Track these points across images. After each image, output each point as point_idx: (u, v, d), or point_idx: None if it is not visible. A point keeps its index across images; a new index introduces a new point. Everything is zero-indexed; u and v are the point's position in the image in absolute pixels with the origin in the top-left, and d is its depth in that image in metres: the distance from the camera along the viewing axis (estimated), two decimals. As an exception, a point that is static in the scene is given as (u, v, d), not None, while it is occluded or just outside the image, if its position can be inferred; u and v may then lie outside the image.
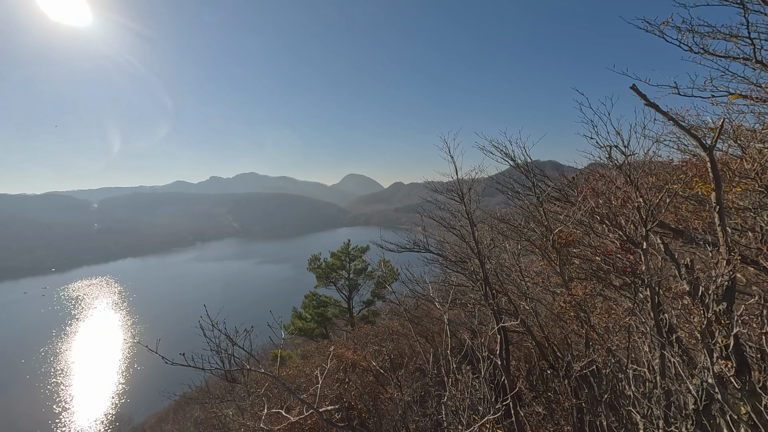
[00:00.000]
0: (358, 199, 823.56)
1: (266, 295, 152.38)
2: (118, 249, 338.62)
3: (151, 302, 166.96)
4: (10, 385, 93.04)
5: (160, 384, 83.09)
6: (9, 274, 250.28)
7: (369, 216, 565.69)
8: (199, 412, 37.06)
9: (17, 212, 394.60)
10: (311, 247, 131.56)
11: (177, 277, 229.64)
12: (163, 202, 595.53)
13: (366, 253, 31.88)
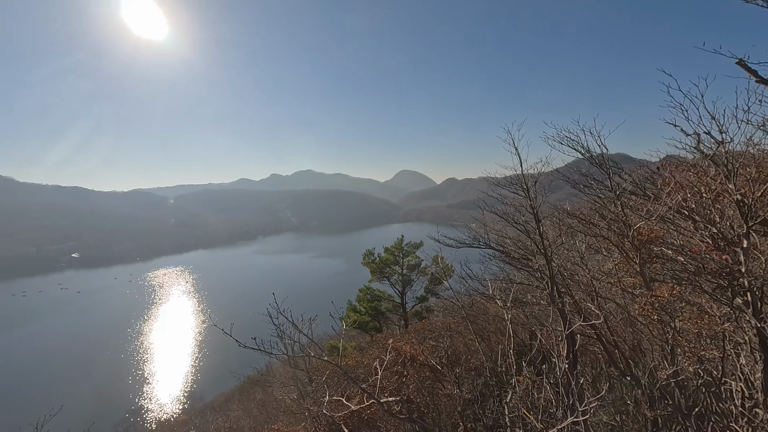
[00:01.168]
0: (410, 195, 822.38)
1: (320, 287, 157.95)
2: (190, 241, 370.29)
3: (218, 290, 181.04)
4: (99, 359, 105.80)
5: (226, 366, 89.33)
6: (103, 262, 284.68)
7: (421, 212, 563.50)
8: (261, 395, 39.56)
9: (109, 207, 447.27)
10: (364, 243, 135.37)
11: (241, 268, 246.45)
12: (228, 198, 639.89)
13: (419, 249, 31.85)
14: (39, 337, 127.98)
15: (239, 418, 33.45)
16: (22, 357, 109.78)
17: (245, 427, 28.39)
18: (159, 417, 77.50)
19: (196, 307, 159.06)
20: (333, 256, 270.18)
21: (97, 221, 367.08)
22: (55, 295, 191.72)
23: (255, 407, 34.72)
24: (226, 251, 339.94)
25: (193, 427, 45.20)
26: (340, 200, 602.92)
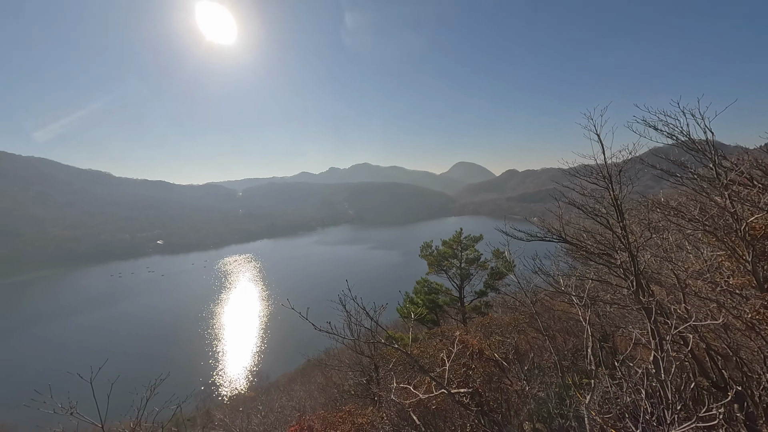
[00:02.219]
0: (467, 187, 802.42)
1: (375, 278, 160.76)
2: (257, 231, 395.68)
3: (281, 277, 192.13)
4: (178, 335, 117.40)
5: (289, 348, 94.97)
6: (183, 249, 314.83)
7: (478, 205, 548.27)
8: (321, 378, 41.38)
9: (186, 199, 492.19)
10: (419, 235, 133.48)
11: (301, 258, 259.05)
12: (290, 191, 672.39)
13: (479, 243, 31.05)
14: (130, 314, 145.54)
15: (302, 399, 35.16)
16: (117, 330, 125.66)
17: (308, 407, 29.79)
18: (230, 392, 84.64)
19: (261, 292, 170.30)
20: (388, 248, 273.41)
21: (178, 212, 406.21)
22: (144, 277, 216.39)
23: (316, 389, 36.39)
24: (288, 241, 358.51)
25: (260, 404, 48.68)
26: (395, 193, 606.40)
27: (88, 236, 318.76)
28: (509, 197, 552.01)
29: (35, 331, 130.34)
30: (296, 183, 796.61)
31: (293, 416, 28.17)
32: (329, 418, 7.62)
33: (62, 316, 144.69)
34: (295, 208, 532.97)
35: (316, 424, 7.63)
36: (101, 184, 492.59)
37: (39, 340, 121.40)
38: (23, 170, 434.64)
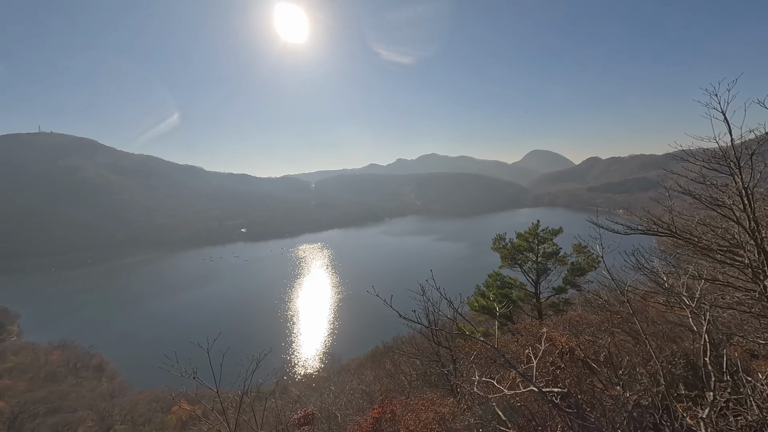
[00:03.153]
0: (542, 177, 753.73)
1: (442, 270, 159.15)
2: (328, 221, 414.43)
3: (351, 265, 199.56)
4: (259, 314, 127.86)
5: (359, 334, 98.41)
6: (263, 236, 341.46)
7: (555, 196, 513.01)
8: (389, 365, 42.36)
9: (266, 191, 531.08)
10: (489, 227, 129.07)
11: (370, 247, 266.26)
12: (359, 183, 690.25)
13: (557, 236, 29.11)
14: (220, 294, 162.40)
15: (371, 383, 36.30)
16: (208, 307, 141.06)
17: (376, 392, 30.64)
18: (304, 370, 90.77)
19: (332, 279, 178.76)
20: (456, 240, 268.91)
21: (258, 202, 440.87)
22: (230, 262, 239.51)
23: (385, 375, 37.33)
24: (358, 231, 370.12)
25: (332, 384, 51.46)
26: (463, 183, 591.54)
27: (185, 224, 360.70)
28: (590, 187, 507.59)
29: (147, 304, 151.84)
30: (365, 174, 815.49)
31: (364, 399, 29.30)
32: (411, 404, 7.79)
33: (168, 293, 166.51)
34: (363, 199, 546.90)
35: (398, 409, 7.85)
36: (195, 177, 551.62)
37: (151, 312, 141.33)
38: (135, 166, 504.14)
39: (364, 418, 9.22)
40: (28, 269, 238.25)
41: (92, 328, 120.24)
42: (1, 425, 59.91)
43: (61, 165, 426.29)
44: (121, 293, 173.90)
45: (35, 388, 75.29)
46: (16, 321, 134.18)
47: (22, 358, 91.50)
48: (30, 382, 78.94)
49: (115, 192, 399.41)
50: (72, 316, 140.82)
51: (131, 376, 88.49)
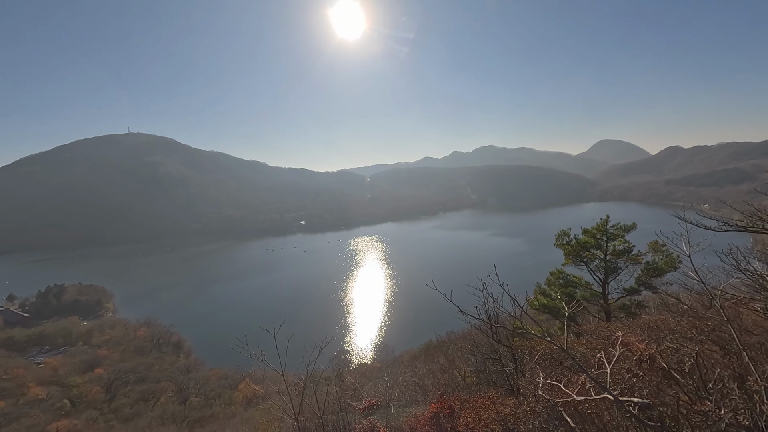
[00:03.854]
0: (611, 169, 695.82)
1: (498, 266, 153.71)
2: (382, 214, 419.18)
3: (404, 259, 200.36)
4: (313, 304, 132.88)
5: (412, 327, 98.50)
6: (320, 229, 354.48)
7: (626, 189, 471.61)
8: (443, 360, 41.98)
9: (323, 185, 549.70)
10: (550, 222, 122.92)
11: (423, 241, 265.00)
12: (413, 176, 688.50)
13: (630, 233, 26.74)
14: (280, 282, 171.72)
15: (424, 376, 36.23)
16: (271, 294, 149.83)
17: (429, 385, 30.55)
18: (358, 359, 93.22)
19: (386, 272, 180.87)
20: (513, 236, 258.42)
21: (316, 195, 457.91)
22: (290, 252, 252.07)
23: (438, 370, 37.08)
24: (411, 224, 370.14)
25: (386, 375, 52.28)
26: (522, 176, 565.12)
27: (250, 216, 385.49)
28: (669, 180, 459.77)
29: (217, 289, 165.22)
30: (419, 168, 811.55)
31: (417, 392, 29.35)
32: (470, 401, 7.61)
33: (235, 280, 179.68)
34: (417, 193, 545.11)
35: (456, 405, 7.72)
36: (259, 172, 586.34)
37: (221, 296, 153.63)
38: (206, 162, 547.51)
39: (422, 411, 9.19)
40: (120, 254, 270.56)
41: (171, 309, 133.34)
42: (100, 388, 68.96)
43: (145, 161, 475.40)
44: (195, 278, 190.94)
45: (126, 359, 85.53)
46: (111, 299, 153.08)
47: (116, 332, 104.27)
48: (122, 354, 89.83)
49: (189, 186, 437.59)
50: (155, 297, 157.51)
51: (204, 354, 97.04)
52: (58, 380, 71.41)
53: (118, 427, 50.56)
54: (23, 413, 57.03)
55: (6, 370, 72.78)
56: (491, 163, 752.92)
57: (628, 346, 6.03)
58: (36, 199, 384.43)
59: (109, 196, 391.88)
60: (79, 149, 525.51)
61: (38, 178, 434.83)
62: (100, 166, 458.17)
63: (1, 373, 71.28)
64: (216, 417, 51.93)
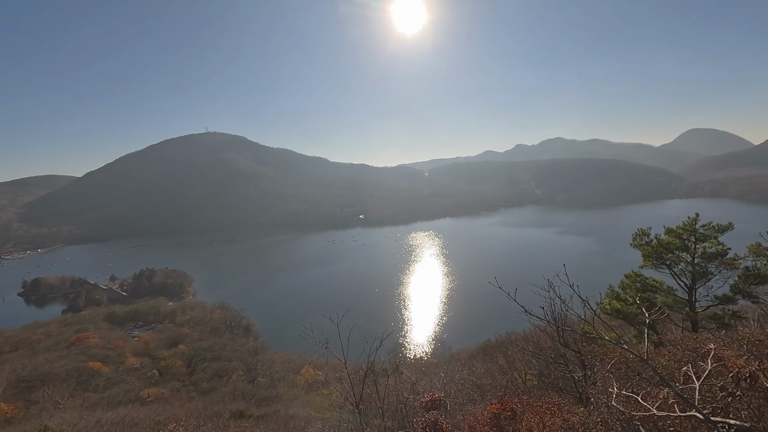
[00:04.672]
0: (703, 161, 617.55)
1: (561, 266, 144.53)
2: (441, 209, 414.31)
3: (463, 255, 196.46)
4: (371, 296, 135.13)
5: (470, 325, 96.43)
6: (378, 223, 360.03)
7: (720, 184, 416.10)
8: (502, 361, 40.58)
9: (382, 180, 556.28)
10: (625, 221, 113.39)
11: (483, 237, 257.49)
12: (474, 171, 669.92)
13: (725, 234, 23.55)
14: (340, 273, 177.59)
15: (481, 375, 35.32)
16: (331, 285, 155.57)
17: (487, 386, 29.73)
18: (414, 353, 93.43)
19: (443, 267, 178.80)
20: (581, 234, 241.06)
21: (375, 190, 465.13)
22: (349, 245, 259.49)
23: (497, 370, 35.96)
24: (471, 220, 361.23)
25: (443, 371, 51.85)
26: (594, 170, 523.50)
27: (313, 210, 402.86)
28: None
29: (283, 278, 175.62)
30: (480, 162, 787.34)
31: (474, 391, 28.74)
32: (535, 405, 7.24)
33: (298, 270, 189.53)
34: (477, 188, 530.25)
35: (518, 407, 7.42)
36: (321, 167, 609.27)
37: (286, 285, 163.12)
38: (273, 159, 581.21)
39: (480, 411, 8.97)
40: (198, 243, 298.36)
41: (242, 295, 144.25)
42: (182, 363, 76.93)
43: (220, 159, 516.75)
44: (262, 267, 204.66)
45: (204, 338, 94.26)
46: (192, 283, 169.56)
47: (196, 313, 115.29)
48: (201, 333, 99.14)
49: (258, 181, 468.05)
50: (228, 283, 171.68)
51: (270, 338, 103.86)
52: (149, 352, 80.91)
53: (197, 398, 55.98)
54: (122, 379, 65.52)
55: (109, 341, 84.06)
56: (559, 156, 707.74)
57: (721, 361, 5.33)
58: (133, 193, 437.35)
59: (190, 190, 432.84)
60: (166, 148, 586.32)
61: (134, 174, 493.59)
62: (182, 163, 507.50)
63: (106, 344, 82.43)
64: (280, 398, 55.32)
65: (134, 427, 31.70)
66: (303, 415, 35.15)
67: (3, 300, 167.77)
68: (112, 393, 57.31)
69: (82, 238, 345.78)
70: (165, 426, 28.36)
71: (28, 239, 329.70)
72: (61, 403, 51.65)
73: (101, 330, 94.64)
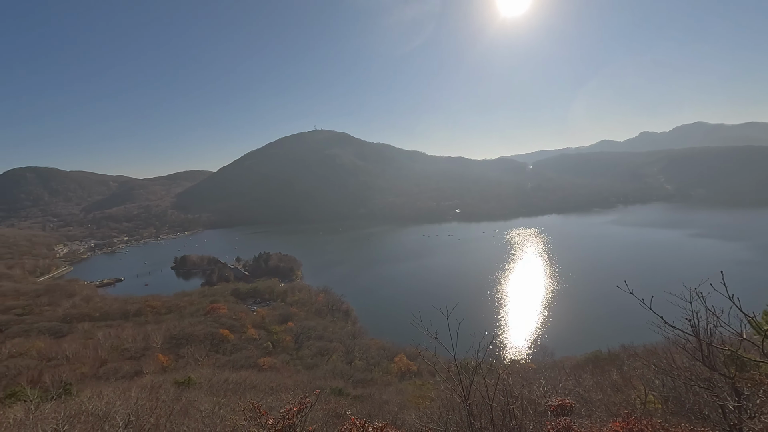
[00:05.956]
0: None
1: (701, 276, 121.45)
2: (545, 205, 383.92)
3: (570, 256, 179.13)
4: (463, 291, 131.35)
5: (576, 332, 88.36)
6: (476, 218, 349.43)
7: None
8: (616, 376, 36.10)
9: (480, 173, 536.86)
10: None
11: (595, 238, 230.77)
12: (586, 163, 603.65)
13: None
14: (434, 267, 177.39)
15: (590, 389, 32.13)
16: (425, 278, 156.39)
17: (598, 402, 26.91)
18: (509, 354, 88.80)
19: (546, 268, 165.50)
20: (727, 238, 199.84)
21: (473, 184, 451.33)
22: (444, 240, 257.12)
23: (609, 386, 32.30)
24: (580, 218, 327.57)
25: (543, 378, 48.36)
26: (749, 160, 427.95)
27: (409, 203, 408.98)
28: None
29: (379, 268, 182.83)
30: (594, 153, 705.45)
31: (581, 404, 26.19)
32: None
33: (394, 261, 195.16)
34: (590, 182, 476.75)
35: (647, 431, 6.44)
36: (417, 161, 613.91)
37: (382, 274, 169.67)
38: (373, 153, 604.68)
39: (599, 427, 8.07)
40: (306, 232, 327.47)
41: (342, 281, 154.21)
42: (291, 338, 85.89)
43: (325, 154, 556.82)
44: (361, 256, 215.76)
45: (309, 318, 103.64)
46: (300, 267, 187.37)
47: (303, 295, 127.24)
48: (306, 313, 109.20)
49: (359, 175, 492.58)
50: (330, 269, 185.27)
51: (366, 324, 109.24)
52: (264, 326, 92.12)
53: (303, 371, 61.93)
54: (244, 346, 76.04)
55: (234, 313, 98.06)
56: (697, 144, 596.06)
57: None
58: (254, 186, 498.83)
59: (300, 183, 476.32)
60: (281, 146, 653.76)
61: (255, 169, 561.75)
62: (294, 158, 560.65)
63: (232, 315, 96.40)
64: (375, 382, 57.94)
65: (253, 389, 36.16)
66: (397, 401, 36.23)
67: (161, 272, 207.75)
68: (237, 357, 66.82)
69: (216, 223, 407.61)
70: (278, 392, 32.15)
71: (179, 223, 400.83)
72: (199, 360, 62.14)
73: (229, 303, 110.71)
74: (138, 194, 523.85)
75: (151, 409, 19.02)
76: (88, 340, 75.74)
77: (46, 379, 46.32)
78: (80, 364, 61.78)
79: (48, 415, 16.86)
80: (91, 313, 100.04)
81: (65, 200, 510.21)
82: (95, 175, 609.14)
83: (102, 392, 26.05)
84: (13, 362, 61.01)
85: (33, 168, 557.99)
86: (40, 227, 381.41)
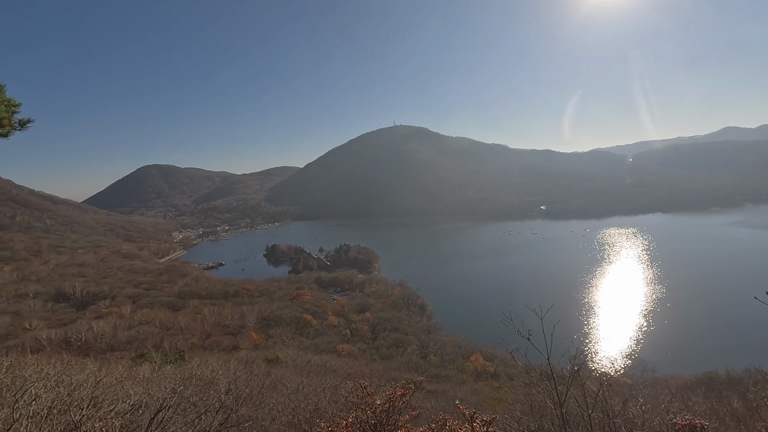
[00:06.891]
0: None
1: None
2: (647, 202, 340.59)
3: (677, 262, 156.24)
4: (552, 293, 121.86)
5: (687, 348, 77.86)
6: (563, 215, 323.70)
7: None
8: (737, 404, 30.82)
9: (570, 167, 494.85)
10: None
11: (710, 241, 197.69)
12: (703, 154, 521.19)
13: None
14: (514, 266, 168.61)
15: (702, 414, 27.82)
16: (504, 278, 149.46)
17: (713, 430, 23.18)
18: (598, 366, 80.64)
19: (647, 273, 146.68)
20: None
21: (561, 179, 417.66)
22: (527, 238, 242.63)
23: (727, 414, 27.73)
24: (693, 218, 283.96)
25: (641, 396, 43.27)
26: None
27: (488, 198, 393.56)
28: None
29: (456, 264, 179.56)
30: (713, 143, 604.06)
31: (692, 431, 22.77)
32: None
33: (471, 258, 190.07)
34: (707, 176, 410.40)
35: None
36: (499, 155, 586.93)
37: (458, 271, 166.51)
38: (452, 147, 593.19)
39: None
40: (383, 226, 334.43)
41: (418, 276, 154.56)
42: (368, 328, 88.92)
43: (403, 149, 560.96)
44: (437, 252, 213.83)
45: (385, 310, 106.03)
46: (377, 260, 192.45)
47: (380, 287, 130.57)
48: (383, 305, 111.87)
49: (437, 169, 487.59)
50: (406, 263, 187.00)
51: (441, 320, 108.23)
52: (343, 314, 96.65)
53: (378, 361, 63.68)
54: (324, 332, 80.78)
55: (317, 300, 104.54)
56: None
57: None
58: (335, 181, 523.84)
59: (378, 178, 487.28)
60: (360, 142, 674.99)
61: (336, 165, 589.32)
62: (373, 154, 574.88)
63: (314, 301, 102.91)
64: (449, 379, 57.27)
65: (332, 373, 38.16)
66: (472, 401, 35.35)
67: (255, 258, 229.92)
68: (318, 341, 71.22)
69: (302, 215, 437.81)
70: (355, 378, 33.77)
71: (270, 215, 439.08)
72: (285, 341, 67.54)
73: (312, 290, 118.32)
74: (237, 188, 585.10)
75: (246, 380, 21.41)
76: (197, 315, 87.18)
77: (166, 345, 54.53)
78: (191, 335, 71.50)
79: (168, 375, 20.15)
80: (199, 292, 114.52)
81: (180, 193, 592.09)
82: (203, 171, 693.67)
83: (208, 361, 29.82)
84: (143, 329, 73.07)
85: (157, 165, 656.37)
86: (161, 216, 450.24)
